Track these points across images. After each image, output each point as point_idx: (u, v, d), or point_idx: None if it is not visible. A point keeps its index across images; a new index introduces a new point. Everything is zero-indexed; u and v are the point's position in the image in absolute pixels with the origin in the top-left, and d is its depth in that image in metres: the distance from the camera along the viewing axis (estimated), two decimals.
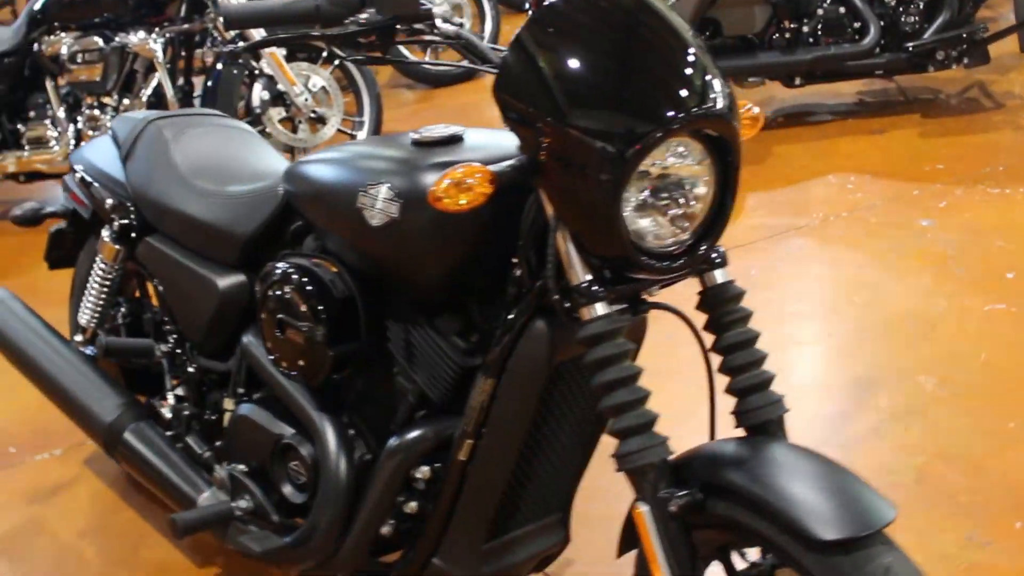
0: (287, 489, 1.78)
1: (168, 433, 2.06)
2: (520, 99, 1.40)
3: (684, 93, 1.36)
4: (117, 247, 2.17)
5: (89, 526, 2.39)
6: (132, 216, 2.14)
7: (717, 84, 1.38)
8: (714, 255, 1.49)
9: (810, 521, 1.23)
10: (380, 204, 1.54)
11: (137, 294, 2.31)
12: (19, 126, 4.56)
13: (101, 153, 2.31)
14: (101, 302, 2.26)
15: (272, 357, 1.77)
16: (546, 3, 1.41)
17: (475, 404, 1.54)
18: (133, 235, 2.14)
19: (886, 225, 3.53)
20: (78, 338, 2.32)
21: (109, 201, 2.18)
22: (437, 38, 1.59)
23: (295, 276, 1.68)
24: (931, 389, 2.60)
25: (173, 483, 1.96)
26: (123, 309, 2.31)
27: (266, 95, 4.30)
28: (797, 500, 1.26)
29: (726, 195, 1.42)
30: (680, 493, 1.36)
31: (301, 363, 1.70)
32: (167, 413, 2.10)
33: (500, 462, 1.58)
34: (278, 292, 1.71)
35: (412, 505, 1.68)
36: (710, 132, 1.39)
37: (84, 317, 2.28)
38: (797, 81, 4.39)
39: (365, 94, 4.63)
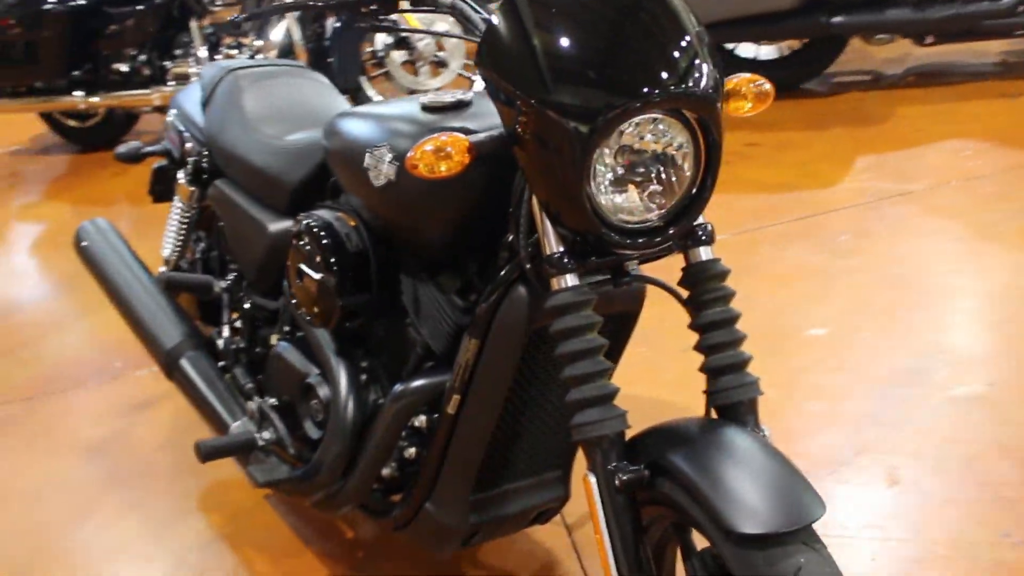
0: (307, 425, 1.92)
1: (220, 364, 2.24)
2: (497, 70, 1.44)
3: (656, 71, 1.37)
4: (191, 188, 2.36)
5: (168, 439, 2.65)
6: (205, 159, 2.31)
7: (696, 64, 1.38)
8: (699, 231, 1.50)
9: (733, 512, 1.25)
10: (382, 166, 1.63)
11: (210, 232, 2.50)
12: (166, 63, 4.90)
13: (190, 98, 2.48)
14: (180, 237, 2.46)
15: (294, 302, 1.90)
16: None
17: (461, 361, 1.63)
18: (205, 177, 2.31)
19: (996, 197, 3.38)
20: (162, 269, 2.53)
21: (188, 144, 2.36)
22: (434, 7, 1.65)
23: (315, 228, 1.80)
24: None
25: (214, 410, 2.14)
26: (202, 244, 2.49)
27: (389, 39, 4.45)
28: (727, 489, 1.28)
29: (707, 175, 1.43)
30: (628, 468, 1.39)
31: (315, 310, 1.82)
32: (221, 345, 2.28)
33: (483, 418, 1.66)
34: (300, 242, 1.83)
35: (411, 451, 1.79)
36: (685, 112, 1.40)
37: (166, 250, 2.50)
38: (928, 40, 4.20)
39: None
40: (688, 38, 1.40)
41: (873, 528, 2.05)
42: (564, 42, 1.40)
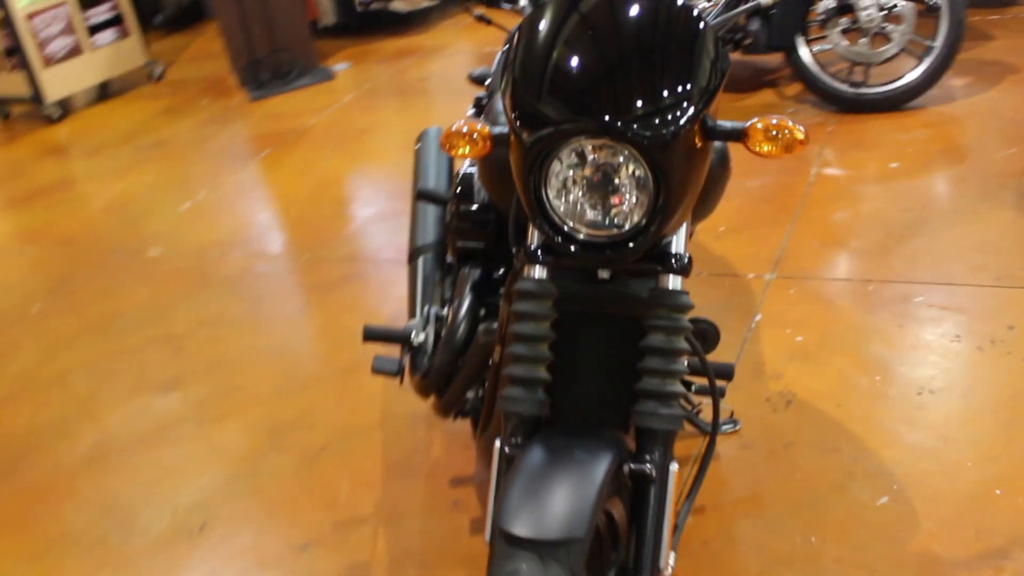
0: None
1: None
2: (498, 75, 1.69)
3: (602, 103, 1.48)
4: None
5: (343, 316, 3.21)
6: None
7: (650, 105, 1.47)
8: (674, 260, 1.63)
9: (507, 508, 1.43)
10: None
11: None
12: None
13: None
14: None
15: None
16: None
17: (500, 320, 1.93)
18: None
19: None
20: None
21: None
22: None
23: (462, 176, 2.17)
24: None
25: (413, 303, 2.60)
26: None
27: (832, 3, 4.44)
28: (522, 488, 1.45)
29: (658, 205, 1.53)
30: (510, 444, 1.64)
31: (448, 243, 2.21)
32: (449, 259, 2.69)
33: None
34: (456, 186, 2.22)
35: (486, 384, 2.14)
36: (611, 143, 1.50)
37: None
38: None
39: (945, 19, 4.46)
40: (663, 79, 1.49)
41: None
42: (541, 56, 1.56)
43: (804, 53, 4.53)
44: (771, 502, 2.32)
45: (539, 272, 1.68)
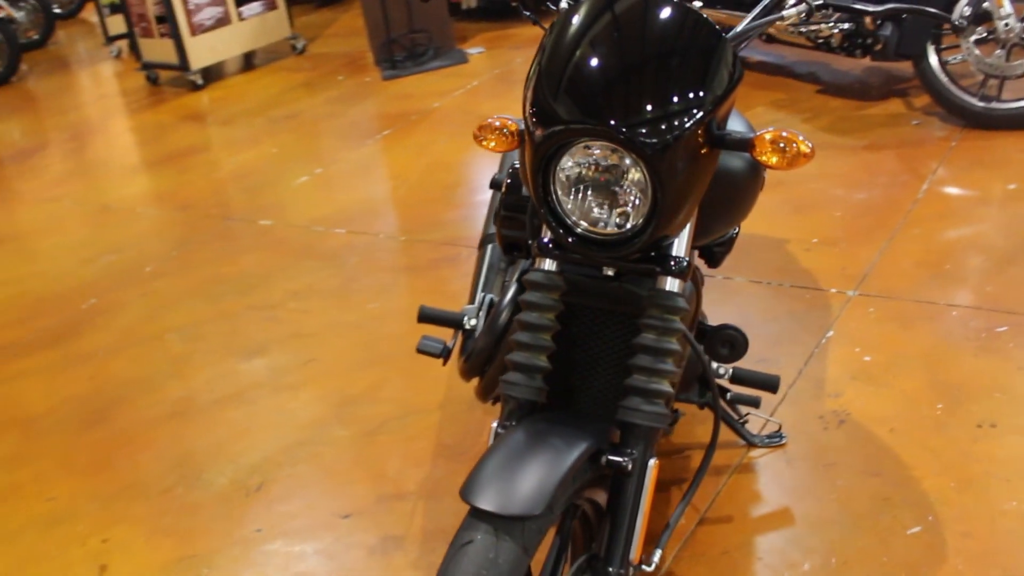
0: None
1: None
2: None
3: (602, 109, 1.58)
4: None
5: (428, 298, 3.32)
6: None
7: (648, 114, 1.56)
8: (673, 262, 1.71)
9: (475, 481, 1.54)
10: None
11: None
12: None
13: None
14: None
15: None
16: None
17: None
18: None
19: None
20: None
21: None
22: None
23: (512, 168, 2.28)
24: None
25: (475, 289, 2.71)
26: None
27: (968, 11, 4.34)
28: (494, 465, 1.56)
29: (655, 207, 1.62)
30: (500, 424, 1.76)
31: (496, 235, 2.32)
32: None
33: None
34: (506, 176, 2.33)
35: None
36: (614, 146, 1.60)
37: None
38: None
39: None
40: (666, 88, 1.58)
41: None
42: (558, 63, 1.66)
43: (934, 62, 4.44)
44: (800, 519, 2.36)
45: (549, 265, 1.79)
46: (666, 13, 1.65)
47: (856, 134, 4.43)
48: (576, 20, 1.69)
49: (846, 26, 4.54)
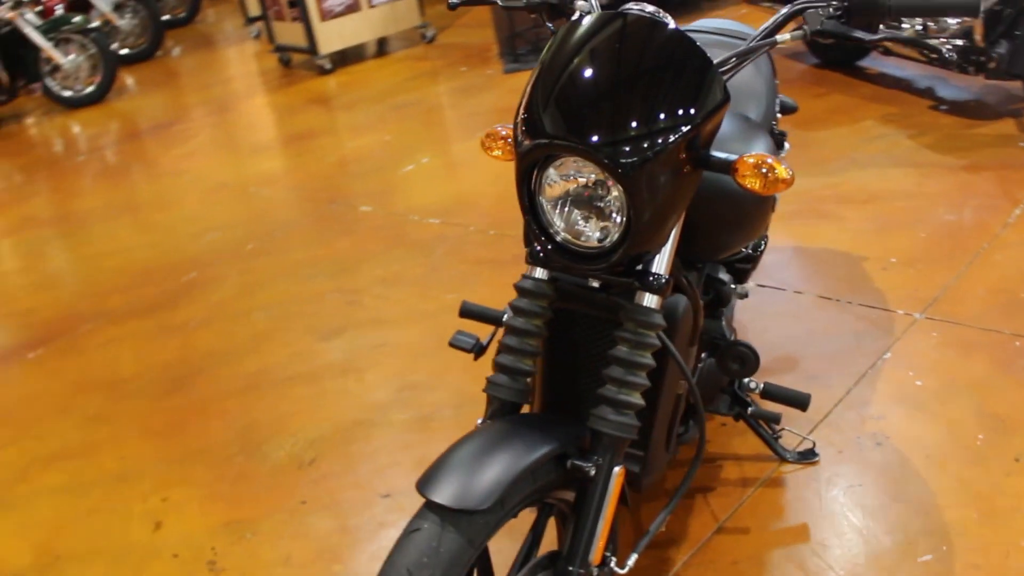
0: None
1: None
2: None
3: (577, 127, 1.65)
4: None
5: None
6: None
7: (621, 135, 1.63)
8: (652, 279, 1.79)
9: (431, 473, 1.62)
10: None
11: None
12: None
13: None
14: None
15: None
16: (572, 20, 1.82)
17: None
18: None
19: None
20: None
21: None
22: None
23: None
24: None
25: None
26: None
27: None
28: (454, 459, 1.65)
29: (630, 224, 1.69)
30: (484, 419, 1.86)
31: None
32: None
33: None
34: None
35: None
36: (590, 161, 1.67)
37: None
38: None
39: None
40: (645, 109, 1.65)
41: None
42: (550, 78, 1.74)
43: None
44: (815, 536, 2.42)
45: (540, 273, 1.90)
46: (656, 37, 1.73)
47: (959, 153, 4.37)
48: (571, 38, 1.78)
49: (959, 42, 4.48)
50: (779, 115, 2.96)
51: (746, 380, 2.52)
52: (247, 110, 7.19)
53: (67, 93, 7.97)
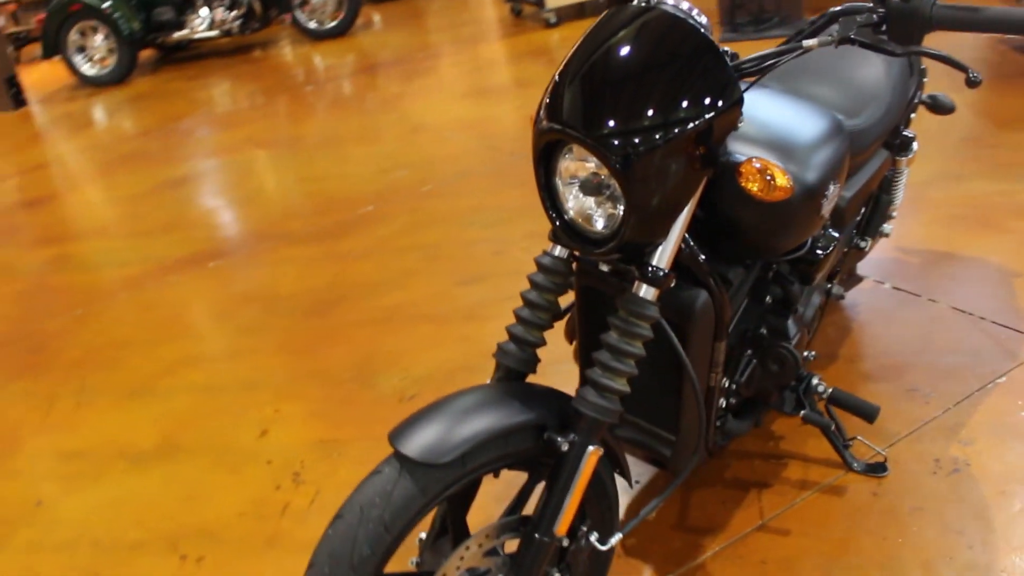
0: None
1: None
2: None
3: (581, 116, 1.67)
4: None
5: None
6: None
7: (628, 119, 1.64)
8: (650, 270, 1.79)
9: (404, 424, 1.70)
10: None
11: None
12: None
13: None
14: None
15: None
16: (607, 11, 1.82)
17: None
18: None
19: None
20: None
21: None
22: None
23: None
24: None
25: None
26: None
27: None
28: (429, 414, 1.72)
29: (627, 214, 1.69)
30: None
31: None
32: None
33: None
34: None
35: None
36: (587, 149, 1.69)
37: None
38: None
39: None
40: (650, 104, 1.65)
41: None
42: (573, 68, 1.75)
43: None
44: (854, 552, 2.35)
45: (560, 251, 1.95)
46: (675, 33, 1.71)
47: None
48: (601, 27, 1.79)
49: None
50: (912, 116, 2.83)
51: (815, 382, 2.46)
52: (468, 57, 7.39)
53: (312, 25, 8.45)
